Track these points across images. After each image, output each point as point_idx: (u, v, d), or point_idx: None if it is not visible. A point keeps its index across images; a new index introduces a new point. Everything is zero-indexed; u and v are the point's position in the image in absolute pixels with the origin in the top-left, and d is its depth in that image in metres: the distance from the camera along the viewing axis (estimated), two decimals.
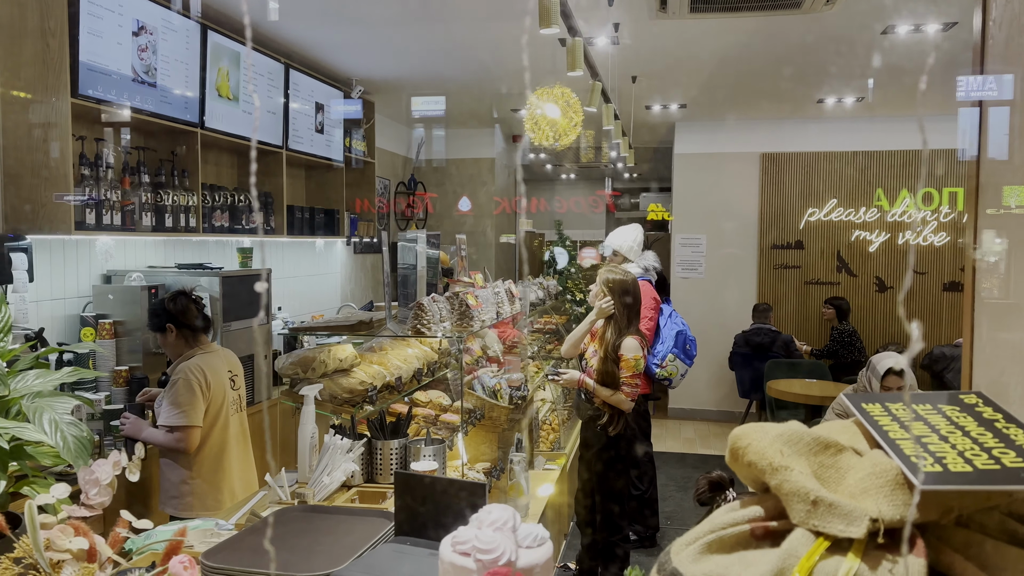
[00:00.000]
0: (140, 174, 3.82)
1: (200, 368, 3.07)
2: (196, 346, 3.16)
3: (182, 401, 2.98)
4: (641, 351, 3.68)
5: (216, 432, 3.13)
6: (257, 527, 1.82)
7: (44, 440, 1.25)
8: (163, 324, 3.10)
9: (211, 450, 3.12)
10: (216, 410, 3.12)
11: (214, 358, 3.18)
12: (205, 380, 3.06)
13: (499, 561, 0.97)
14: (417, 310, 2.71)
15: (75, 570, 1.13)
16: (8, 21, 3.31)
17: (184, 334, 3.13)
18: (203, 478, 3.09)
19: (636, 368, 3.65)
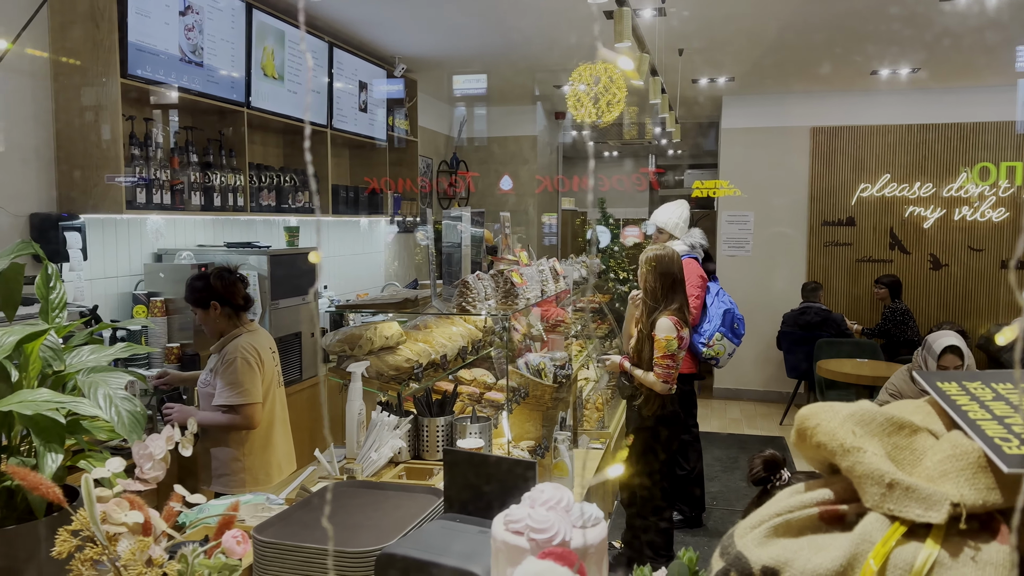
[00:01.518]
0: (188, 153, 3.86)
1: (252, 346, 3.07)
2: (240, 324, 3.13)
3: (243, 380, 2.98)
4: (675, 331, 3.55)
5: (266, 410, 3.15)
6: (307, 502, 1.83)
7: (99, 414, 1.27)
8: (207, 300, 3.06)
9: (262, 427, 3.13)
10: (266, 387, 3.13)
11: (259, 336, 3.18)
12: (258, 357, 3.06)
13: (553, 541, 0.95)
14: (462, 288, 2.69)
15: (131, 543, 1.14)
16: (59, 4, 3.36)
17: (227, 312, 3.09)
18: (255, 455, 3.10)
19: (667, 349, 3.54)
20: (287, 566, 1.57)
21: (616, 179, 11.78)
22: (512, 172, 8.59)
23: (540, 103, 8.53)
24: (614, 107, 4.26)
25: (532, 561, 0.86)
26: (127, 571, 1.13)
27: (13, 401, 1.26)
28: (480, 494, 1.42)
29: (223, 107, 4.05)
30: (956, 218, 7.53)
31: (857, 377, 5.71)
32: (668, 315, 3.59)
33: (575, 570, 0.85)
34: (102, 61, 3.34)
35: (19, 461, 1.35)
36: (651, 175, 12.65)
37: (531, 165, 8.62)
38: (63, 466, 1.26)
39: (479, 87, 6.71)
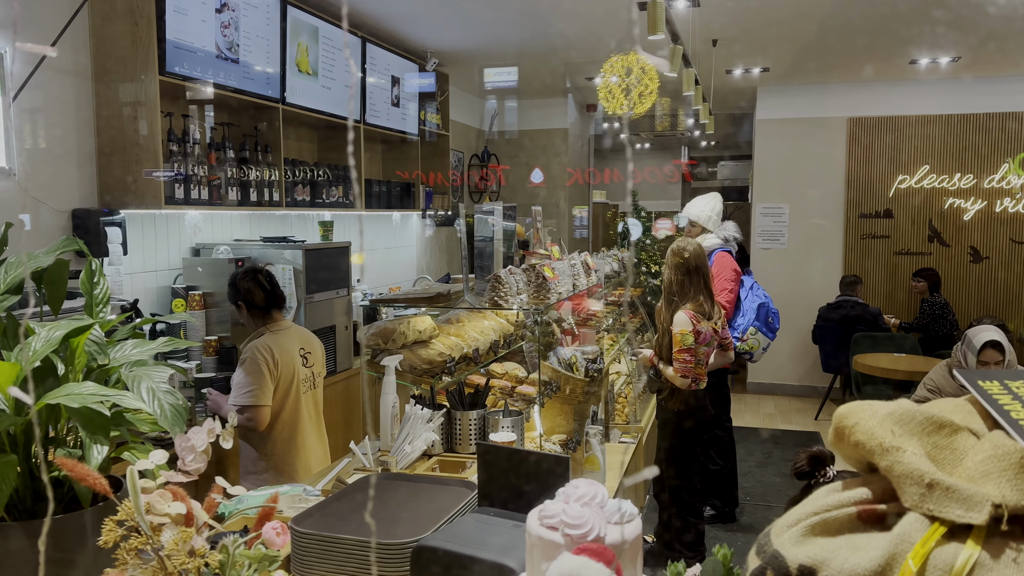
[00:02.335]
0: (225, 149, 3.92)
1: (268, 347, 3.04)
2: (267, 323, 3.14)
3: (249, 380, 2.97)
4: (690, 325, 3.53)
5: (287, 411, 3.10)
6: (343, 493, 1.86)
7: (142, 408, 1.30)
8: (235, 300, 3.15)
9: (283, 429, 3.09)
10: (285, 388, 3.09)
11: (284, 336, 3.14)
12: (272, 359, 3.02)
13: (587, 536, 0.96)
14: (494, 282, 2.71)
15: (174, 533, 1.17)
16: (99, 4, 3.43)
17: (253, 312, 3.13)
18: (277, 456, 3.08)
19: (683, 343, 3.52)
20: (324, 557, 1.60)
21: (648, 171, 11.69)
22: (543, 165, 8.58)
23: (571, 95, 8.50)
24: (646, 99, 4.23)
25: (567, 556, 0.87)
26: (170, 561, 1.16)
27: (60, 394, 1.30)
28: (514, 488, 1.43)
29: (258, 103, 4.11)
30: (997, 210, 7.36)
31: (894, 372, 5.62)
32: (685, 309, 3.58)
33: (610, 566, 0.86)
34: (141, 59, 3.40)
35: (66, 452, 1.39)
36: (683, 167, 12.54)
37: (562, 158, 8.59)
38: (108, 457, 1.30)
39: (510, 80, 6.70)
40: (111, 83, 3.45)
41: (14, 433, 1.36)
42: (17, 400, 1.35)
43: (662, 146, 12.55)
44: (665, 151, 12.66)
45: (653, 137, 11.93)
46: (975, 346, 3.63)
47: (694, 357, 3.53)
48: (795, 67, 6.87)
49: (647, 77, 4.15)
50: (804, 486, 1.69)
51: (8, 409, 1.35)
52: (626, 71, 4.22)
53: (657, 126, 10.86)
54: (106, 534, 1.17)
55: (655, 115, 10.07)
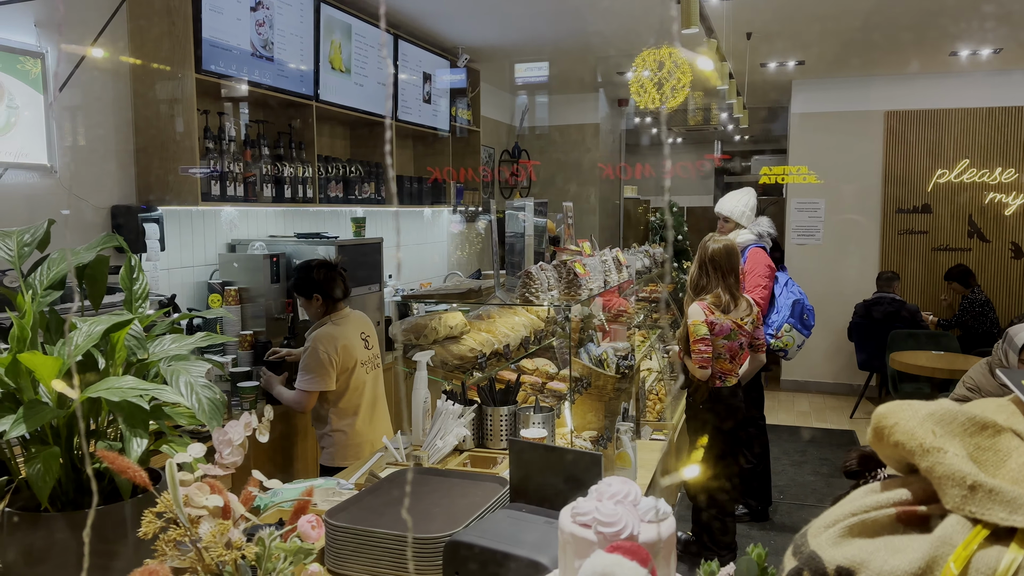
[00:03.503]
0: (260, 147, 3.96)
1: (331, 336, 3.28)
2: (332, 312, 3.38)
3: (310, 366, 3.23)
4: (703, 315, 3.57)
5: (351, 392, 3.34)
6: (377, 487, 1.87)
7: (181, 401, 1.32)
8: (311, 291, 3.34)
9: (347, 410, 3.34)
10: (348, 373, 3.33)
11: (346, 324, 3.38)
12: (335, 347, 3.27)
13: (621, 535, 0.95)
14: (525, 279, 2.70)
15: (211, 526, 1.19)
16: (136, 3, 3.48)
17: (327, 303, 3.36)
18: (345, 433, 3.34)
19: (696, 333, 3.58)
20: (358, 550, 1.61)
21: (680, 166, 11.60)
22: (574, 160, 8.55)
23: (603, 90, 8.45)
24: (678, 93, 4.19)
25: (600, 555, 0.87)
26: (207, 553, 1.18)
27: (101, 388, 1.32)
28: (546, 485, 1.43)
29: (292, 100, 4.15)
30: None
31: (933, 370, 5.51)
32: (700, 300, 3.64)
33: (645, 566, 0.86)
34: (178, 57, 3.46)
35: (106, 445, 1.42)
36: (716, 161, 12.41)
37: (593, 153, 8.56)
38: (147, 450, 1.32)
39: (541, 75, 6.69)
40: (149, 81, 3.51)
41: (57, 426, 1.40)
42: (60, 393, 1.39)
43: (694, 140, 12.44)
44: (697, 146, 12.54)
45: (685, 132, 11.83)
46: (1016, 344, 3.54)
47: (710, 347, 3.55)
48: (831, 60, 6.76)
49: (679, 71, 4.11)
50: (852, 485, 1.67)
51: (51, 402, 1.39)
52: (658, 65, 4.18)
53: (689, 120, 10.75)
54: (146, 526, 1.20)
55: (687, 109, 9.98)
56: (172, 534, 1.21)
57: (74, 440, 1.41)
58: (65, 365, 1.35)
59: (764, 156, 13.13)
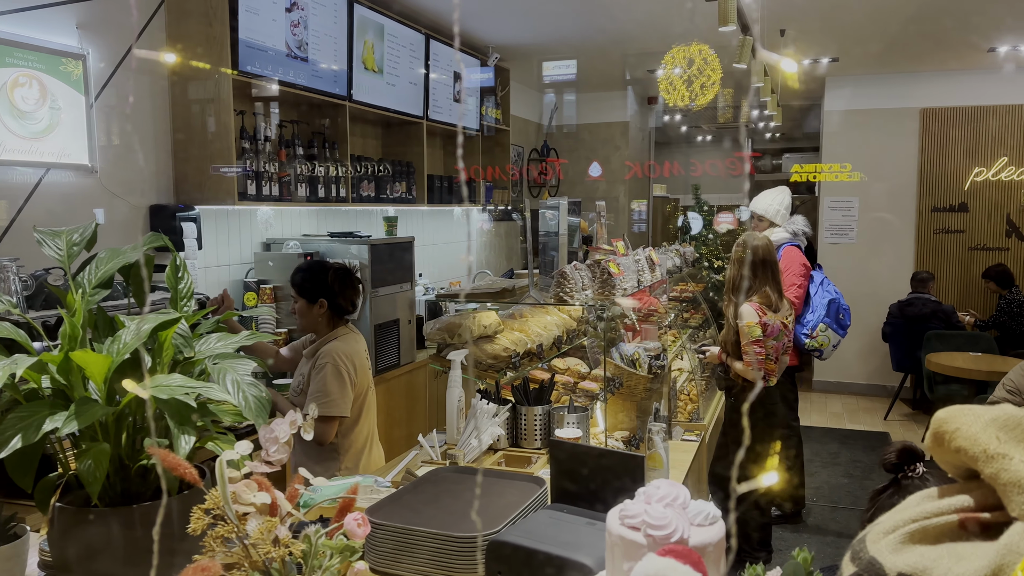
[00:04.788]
0: (294, 146, 4.00)
1: (348, 354, 2.80)
2: (339, 326, 2.90)
3: (331, 390, 2.71)
4: (756, 317, 3.53)
5: (362, 422, 2.90)
6: (415, 485, 1.88)
7: (227, 399, 1.34)
8: (316, 296, 2.84)
9: (359, 438, 2.88)
10: (362, 398, 2.89)
11: (356, 340, 2.93)
12: (354, 367, 2.81)
13: (671, 538, 0.95)
14: (560, 278, 2.70)
15: (259, 523, 1.20)
16: (175, 2, 3.53)
17: (332, 314, 2.88)
18: (351, 471, 2.80)
19: (751, 335, 3.52)
20: (398, 548, 1.62)
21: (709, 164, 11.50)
22: (603, 158, 8.52)
23: (632, 88, 8.41)
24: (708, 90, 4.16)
25: (652, 558, 0.86)
26: (255, 550, 1.19)
27: (150, 385, 1.34)
28: (585, 486, 1.43)
29: (326, 101, 4.18)
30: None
31: (971, 372, 5.42)
32: (751, 301, 3.58)
33: (698, 569, 0.85)
34: (215, 58, 3.50)
35: (153, 442, 1.44)
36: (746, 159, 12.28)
37: (622, 151, 8.52)
38: (194, 447, 1.34)
39: (569, 73, 6.66)
40: (186, 82, 3.55)
41: (106, 423, 1.42)
42: (109, 391, 1.41)
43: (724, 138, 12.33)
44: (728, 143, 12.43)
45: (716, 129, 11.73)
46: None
47: (764, 349, 3.48)
48: (865, 57, 6.66)
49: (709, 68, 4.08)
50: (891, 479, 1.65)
51: (100, 399, 1.41)
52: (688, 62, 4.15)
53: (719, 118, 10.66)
54: (194, 522, 1.21)
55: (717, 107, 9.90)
56: (220, 531, 1.23)
57: (122, 436, 1.43)
58: (115, 363, 1.37)
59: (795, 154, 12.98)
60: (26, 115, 2.94)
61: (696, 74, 4.13)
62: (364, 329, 4.02)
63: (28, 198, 3.00)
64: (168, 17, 3.56)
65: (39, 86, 2.99)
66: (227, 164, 3.51)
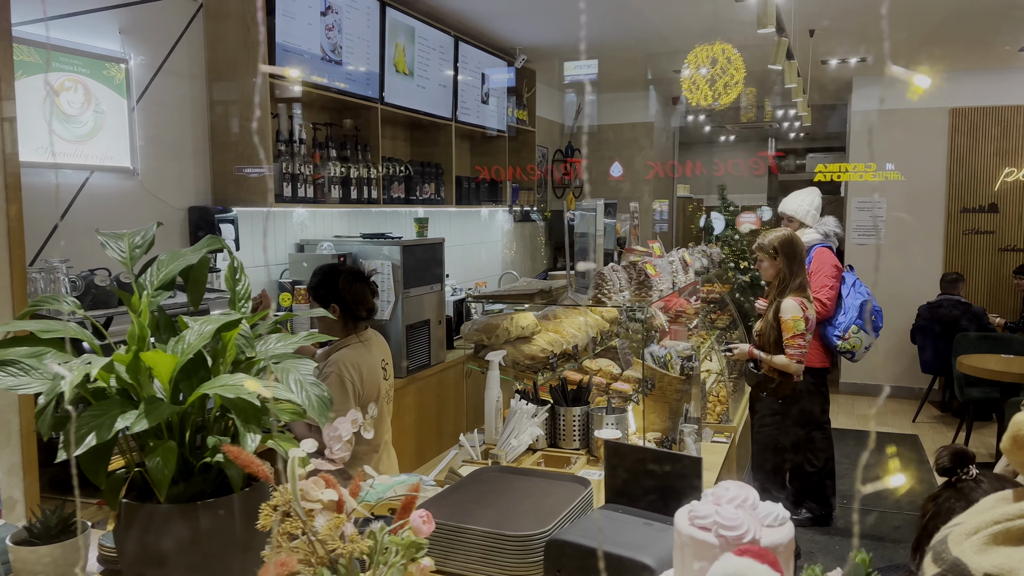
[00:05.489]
0: (328, 149, 4.04)
1: (356, 364, 2.69)
2: (353, 333, 2.80)
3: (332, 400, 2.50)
4: (800, 311, 3.63)
5: (374, 429, 2.61)
6: (461, 484, 1.91)
7: (292, 398, 1.37)
8: (328, 301, 2.77)
9: (359, 454, 2.63)
10: (365, 405, 2.62)
11: (368, 348, 2.80)
12: (360, 376, 2.67)
13: (743, 539, 0.96)
14: (598, 279, 2.71)
15: (327, 519, 1.23)
16: (213, 6, 3.58)
17: (346, 319, 2.78)
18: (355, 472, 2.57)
19: (795, 329, 3.62)
20: (449, 546, 1.65)
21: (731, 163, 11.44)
22: (627, 159, 8.51)
23: (656, 88, 8.40)
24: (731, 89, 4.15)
25: (730, 558, 0.88)
26: (323, 546, 1.22)
27: (216, 385, 1.38)
28: (642, 487, 1.44)
29: (359, 103, 4.22)
30: None
31: (1003, 374, 5.36)
32: (792, 296, 3.67)
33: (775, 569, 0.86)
34: (252, 62, 3.54)
35: (216, 440, 1.47)
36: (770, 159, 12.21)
37: (647, 152, 8.51)
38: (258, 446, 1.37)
39: (591, 73, 6.66)
40: (224, 85, 3.60)
41: (171, 421, 1.45)
42: (174, 390, 1.44)
43: (747, 138, 12.27)
44: (750, 143, 12.37)
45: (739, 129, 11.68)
46: None
47: (805, 342, 3.65)
48: (894, 57, 6.61)
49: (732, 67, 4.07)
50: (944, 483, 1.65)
51: (165, 398, 1.44)
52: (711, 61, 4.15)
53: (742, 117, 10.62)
54: (263, 518, 1.24)
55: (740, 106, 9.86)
56: (287, 526, 1.26)
57: (185, 435, 1.47)
58: (180, 363, 1.41)
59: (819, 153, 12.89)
60: (72, 119, 3.00)
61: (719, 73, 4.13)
62: (396, 329, 4.06)
63: (73, 200, 3.05)
64: (206, 21, 3.61)
65: (84, 90, 3.05)
66: (264, 166, 3.56)
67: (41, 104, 2.85)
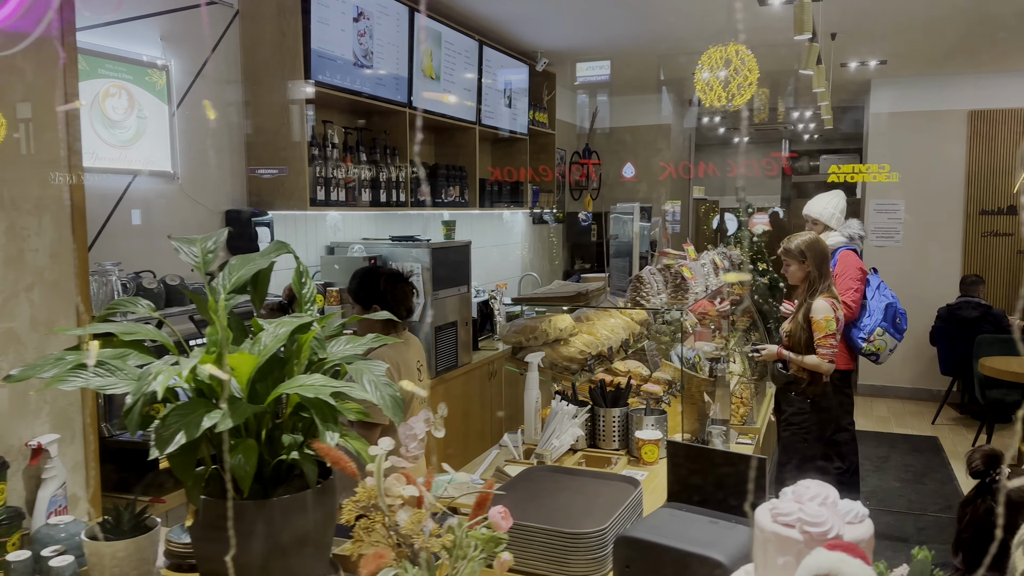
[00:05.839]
0: (358, 152, 4.10)
1: (396, 362, 2.73)
2: (392, 333, 2.84)
3: None
4: (832, 312, 3.67)
5: None
6: (514, 483, 1.95)
7: (368, 398, 1.41)
8: (370, 302, 2.84)
9: None
10: (408, 405, 2.61)
11: (407, 350, 2.85)
12: (398, 372, 2.72)
13: (828, 535, 1.00)
14: (636, 282, 2.76)
15: (408, 514, 1.27)
16: (249, 13, 3.64)
17: (386, 321, 2.49)
18: None
19: (828, 329, 3.66)
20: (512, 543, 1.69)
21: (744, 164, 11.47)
22: (644, 160, 8.55)
23: (673, 90, 8.44)
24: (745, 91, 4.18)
25: (823, 552, 0.92)
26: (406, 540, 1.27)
27: (294, 385, 1.43)
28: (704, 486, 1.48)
29: (388, 107, 4.27)
30: None
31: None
32: (823, 297, 3.71)
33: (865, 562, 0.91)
34: (288, 68, 3.60)
35: (292, 438, 1.52)
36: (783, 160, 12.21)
37: (664, 153, 8.54)
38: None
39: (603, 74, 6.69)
40: (259, 90, 3.66)
41: (249, 420, 1.50)
42: (252, 390, 1.49)
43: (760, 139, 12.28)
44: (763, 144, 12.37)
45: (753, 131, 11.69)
46: None
47: (836, 341, 3.70)
48: (913, 59, 6.64)
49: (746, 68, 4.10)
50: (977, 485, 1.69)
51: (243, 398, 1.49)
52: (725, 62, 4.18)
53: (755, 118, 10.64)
54: (347, 513, 1.29)
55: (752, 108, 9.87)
56: (367, 522, 1.31)
57: (262, 433, 1.52)
58: (259, 363, 1.46)
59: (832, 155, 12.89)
60: (115, 124, 3.07)
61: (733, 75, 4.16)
62: (424, 332, 4.11)
63: (117, 204, 3.11)
64: (242, 27, 3.67)
65: (127, 96, 3.11)
66: (300, 170, 3.62)
67: (88, 110, 2.91)
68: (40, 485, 1.91)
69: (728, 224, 10.65)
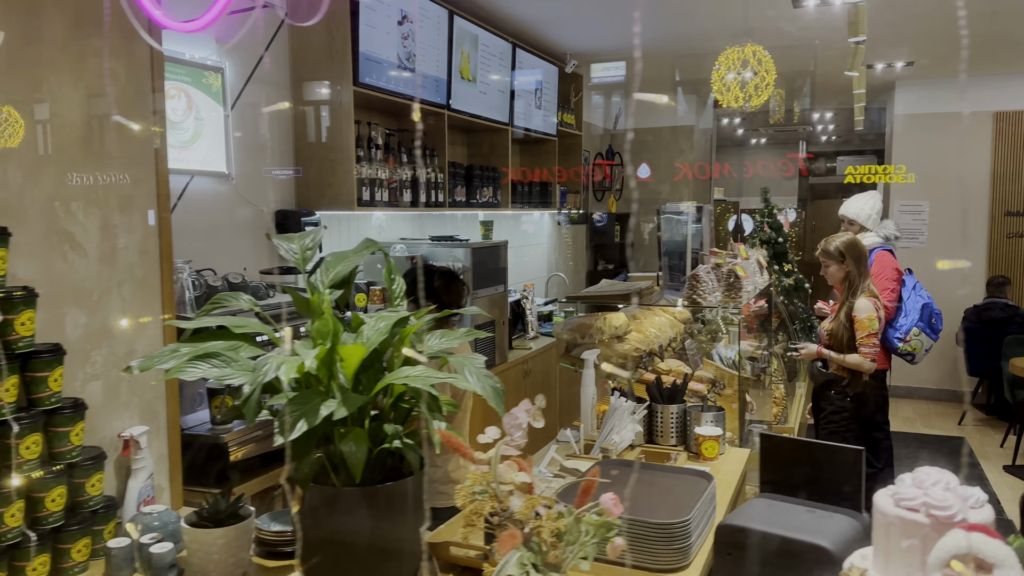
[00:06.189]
0: (399, 153, 4.15)
1: None
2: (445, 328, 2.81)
3: None
4: (875, 311, 3.73)
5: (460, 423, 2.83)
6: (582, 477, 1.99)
7: (472, 388, 1.46)
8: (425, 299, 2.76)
9: None
10: (460, 398, 2.79)
11: None
12: None
13: (954, 519, 1.05)
14: (692, 281, 2.80)
15: (521, 500, 1.32)
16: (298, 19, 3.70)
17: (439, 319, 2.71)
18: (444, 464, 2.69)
19: (871, 328, 3.72)
20: None
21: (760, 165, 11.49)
22: (667, 161, 8.58)
23: (697, 91, 8.47)
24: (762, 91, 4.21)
25: (960, 532, 0.96)
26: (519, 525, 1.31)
27: (400, 376, 1.48)
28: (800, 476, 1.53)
29: (428, 109, 4.32)
30: None
31: None
32: (865, 296, 3.77)
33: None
34: (336, 71, 3.66)
35: (394, 428, 1.57)
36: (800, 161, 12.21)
37: (687, 155, 8.57)
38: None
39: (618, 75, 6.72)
40: (310, 94, 3.72)
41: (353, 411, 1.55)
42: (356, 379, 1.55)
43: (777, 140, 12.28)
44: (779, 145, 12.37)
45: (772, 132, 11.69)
46: None
47: (879, 340, 3.76)
48: (938, 60, 6.65)
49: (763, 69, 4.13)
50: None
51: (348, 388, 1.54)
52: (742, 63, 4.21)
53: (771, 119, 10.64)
54: (462, 499, 1.34)
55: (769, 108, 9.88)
56: (478, 506, 1.35)
57: (365, 422, 1.57)
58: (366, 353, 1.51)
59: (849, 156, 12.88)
60: (175, 125, 3.13)
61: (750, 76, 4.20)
62: None
63: (175, 204, 3.17)
64: (291, 31, 3.72)
65: (186, 98, 3.17)
66: (348, 172, 3.67)
67: None
68: (130, 475, 1.96)
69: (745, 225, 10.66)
